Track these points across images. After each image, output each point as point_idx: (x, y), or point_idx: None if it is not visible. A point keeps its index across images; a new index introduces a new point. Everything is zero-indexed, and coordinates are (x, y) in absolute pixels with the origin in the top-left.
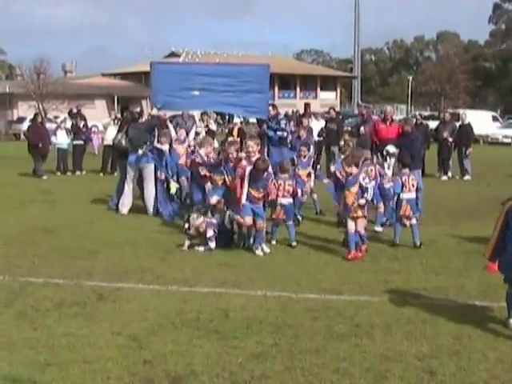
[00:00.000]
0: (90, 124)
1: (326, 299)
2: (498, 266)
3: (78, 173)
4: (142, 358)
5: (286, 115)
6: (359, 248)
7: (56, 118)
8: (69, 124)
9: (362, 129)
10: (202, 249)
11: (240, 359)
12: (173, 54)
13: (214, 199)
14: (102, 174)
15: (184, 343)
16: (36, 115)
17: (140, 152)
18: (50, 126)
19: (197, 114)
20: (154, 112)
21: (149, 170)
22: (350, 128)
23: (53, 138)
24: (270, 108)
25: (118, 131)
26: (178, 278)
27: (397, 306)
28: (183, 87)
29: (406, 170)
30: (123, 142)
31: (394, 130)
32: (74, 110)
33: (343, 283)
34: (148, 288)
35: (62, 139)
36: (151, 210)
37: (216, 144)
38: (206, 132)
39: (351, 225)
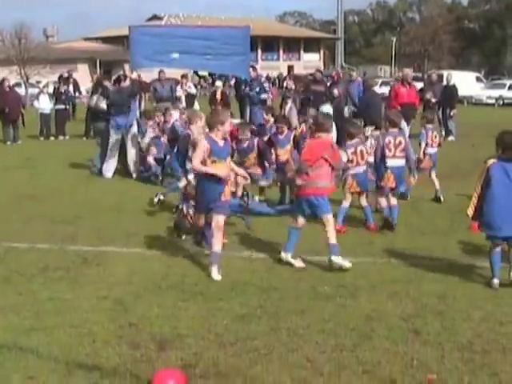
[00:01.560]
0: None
1: (310, 261)
2: (478, 225)
3: (60, 137)
4: (128, 322)
5: (267, 77)
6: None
7: (38, 82)
8: (51, 89)
9: (335, 91)
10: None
11: (225, 321)
12: (155, 17)
13: (183, 182)
14: (85, 138)
15: (169, 306)
16: (3, 80)
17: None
18: (32, 90)
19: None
20: (134, 76)
21: (132, 134)
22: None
23: (35, 103)
24: (251, 70)
25: (92, 93)
26: (164, 243)
27: (381, 266)
28: (162, 50)
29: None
30: (100, 104)
31: (413, 93)
32: (65, 75)
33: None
34: (133, 252)
35: (44, 104)
36: (135, 174)
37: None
38: (185, 96)
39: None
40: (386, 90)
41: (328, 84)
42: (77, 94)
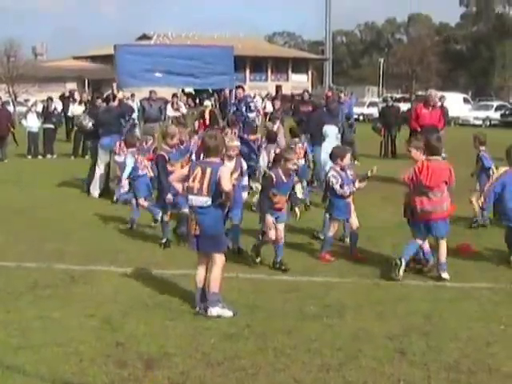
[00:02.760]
0: (60, 107)
1: (297, 281)
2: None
3: (48, 156)
4: (115, 340)
5: (254, 96)
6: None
7: (26, 101)
8: (40, 107)
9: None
10: None
11: (212, 340)
12: (145, 37)
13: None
14: (73, 157)
15: (157, 325)
16: None
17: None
18: (20, 109)
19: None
20: (120, 95)
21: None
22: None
23: (23, 122)
24: (240, 90)
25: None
26: (150, 260)
27: (368, 286)
28: (147, 69)
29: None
30: (84, 123)
31: (436, 115)
32: (67, 94)
33: (315, 265)
34: (120, 270)
35: (32, 122)
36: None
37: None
38: (177, 116)
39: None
40: (373, 110)
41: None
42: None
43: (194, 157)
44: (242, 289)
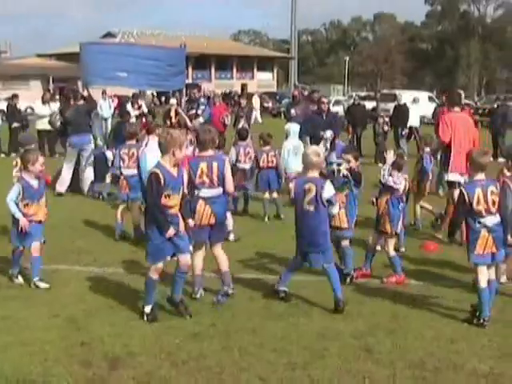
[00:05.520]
0: (25, 105)
1: (264, 279)
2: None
3: (13, 154)
4: (80, 340)
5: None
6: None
7: None
8: (3, 105)
9: (292, 111)
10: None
11: (177, 340)
12: (109, 35)
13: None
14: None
15: (121, 325)
16: None
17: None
18: None
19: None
20: (85, 93)
21: (88, 152)
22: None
23: None
24: (196, 90)
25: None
26: (115, 260)
27: None
28: (112, 68)
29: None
30: (53, 120)
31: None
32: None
33: (282, 263)
34: (85, 270)
35: None
36: (86, 190)
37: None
38: (139, 115)
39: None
40: (339, 109)
41: (288, 104)
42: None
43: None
44: (207, 287)
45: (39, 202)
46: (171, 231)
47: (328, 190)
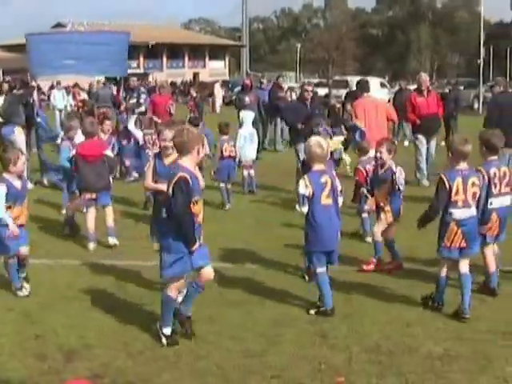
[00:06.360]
0: None
1: (218, 267)
2: None
3: None
4: (34, 333)
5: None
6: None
7: None
8: None
9: (246, 98)
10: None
11: (133, 330)
12: (59, 25)
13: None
14: None
15: (77, 316)
16: None
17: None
18: None
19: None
20: (34, 84)
21: (19, 143)
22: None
23: None
24: (134, 79)
25: None
26: (69, 251)
27: (289, 273)
28: (59, 57)
29: None
30: None
31: (433, 102)
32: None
33: (235, 252)
34: (38, 262)
35: None
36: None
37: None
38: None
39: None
40: (293, 95)
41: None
42: None
43: None
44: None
45: (22, 204)
46: (198, 244)
47: (338, 181)
